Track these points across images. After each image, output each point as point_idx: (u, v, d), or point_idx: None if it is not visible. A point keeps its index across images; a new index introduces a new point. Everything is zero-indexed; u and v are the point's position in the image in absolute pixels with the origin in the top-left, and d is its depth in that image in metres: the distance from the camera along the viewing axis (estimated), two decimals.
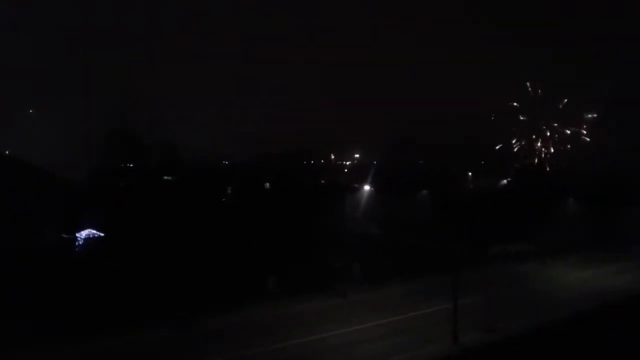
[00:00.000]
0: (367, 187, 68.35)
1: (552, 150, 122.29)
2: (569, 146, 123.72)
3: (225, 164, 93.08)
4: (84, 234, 45.15)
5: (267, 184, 76.39)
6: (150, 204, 48.09)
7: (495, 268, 46.78)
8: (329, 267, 40.69)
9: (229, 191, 69.89)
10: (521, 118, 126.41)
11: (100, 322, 27.77)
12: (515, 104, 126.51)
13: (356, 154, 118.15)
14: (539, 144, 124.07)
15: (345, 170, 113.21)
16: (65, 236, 45.18)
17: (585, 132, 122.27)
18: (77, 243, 44.60)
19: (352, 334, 28.83)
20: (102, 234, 45.65)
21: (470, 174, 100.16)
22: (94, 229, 45.50)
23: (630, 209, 67.75)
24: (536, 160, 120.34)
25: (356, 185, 77.05)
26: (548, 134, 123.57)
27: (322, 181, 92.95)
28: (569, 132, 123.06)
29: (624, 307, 36.53)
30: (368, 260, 42.61)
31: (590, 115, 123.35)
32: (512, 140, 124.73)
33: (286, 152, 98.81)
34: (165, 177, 65.77)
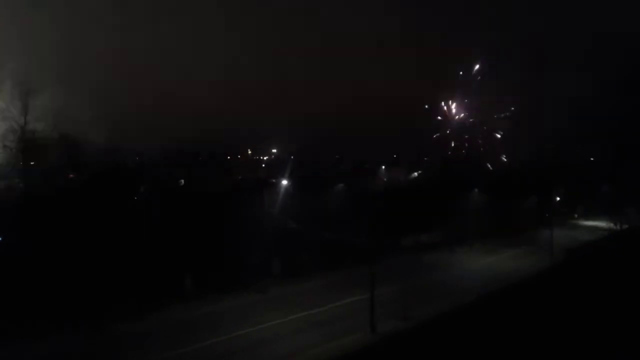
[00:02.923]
0: (284, 182, 68.28)
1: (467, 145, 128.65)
2: (479, 141, 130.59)
3: (136, 159, 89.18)
4: None
5: (182, 181, 74.27)
6: (52, 205, 44.87)
7: (407, 258, 48.85)
8: (247, 264, 40.36)
9: (141, 189, 67.01)
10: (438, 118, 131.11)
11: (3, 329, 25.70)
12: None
13: (274, 149, 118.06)
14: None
15: (263, 165, 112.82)
16: None
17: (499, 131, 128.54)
18: None
19: (272, 329, 28.95)
20: None
21: (383, 167, 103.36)
22: None
23: (526, 200, 74.09)
24: (450, 153, 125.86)
25: (274, 180, 76.85)
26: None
27: (240, 177, 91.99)
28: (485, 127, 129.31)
29: (523, 287, 39.98)
30: (287, 255, 42.83)
31: (504, 115, 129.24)
32: (432, 134, 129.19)
33: (201, 148, 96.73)
34: (70, 175, 61.69)
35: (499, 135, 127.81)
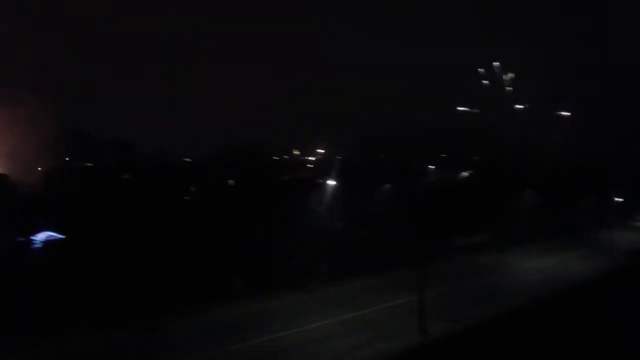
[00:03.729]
0: (331, 183, 68.39)
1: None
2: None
3: (187, 161, 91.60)
4: (42, 236, 43.59)
5: (231, 181, 75.63)
6: (111, 204, 46.81)
7: (457, 260, 47.84)
8: (294, 264, 40.66)
9: (192, 189, 68.89)
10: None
11: (64, 325, 26.96)
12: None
13: (321, 149, 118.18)
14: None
15: (310, 165, 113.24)
16: (21, 239, 43.50)
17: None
18: (34, 246, 43.01)
19: (319, 330, 28.95)
20: (62, 236, 44.17)
21: (431, 167, 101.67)
22: (52, 231, 43.99)
23: (584, 199, 70.97)
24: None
25: (320, 180, 77.10)
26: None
27: (287, 177, 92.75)
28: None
29: (583, 291, 38.27)
30: (334, 255, 42.79)
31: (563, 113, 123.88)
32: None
33: (250, 148, 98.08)
34: (124, 176, 64.11)
35: (557, 132, 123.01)
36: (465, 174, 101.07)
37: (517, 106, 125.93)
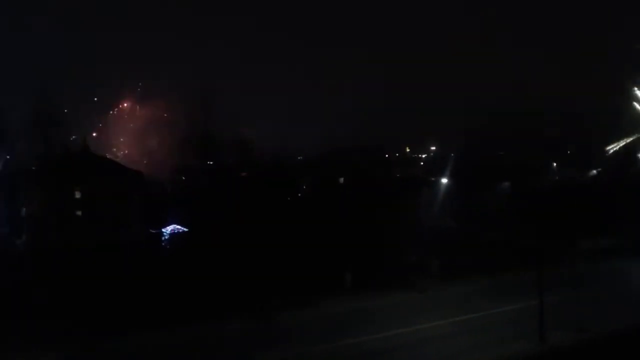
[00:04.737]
0: (444, 180, 66.51)
1: None
2: None
3: (299, 159, 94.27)
4: (169, 229, 47.67)
5: (342, 179, 76.54)
6: (229, 200, 49.76)
7: (584, 264, 43.93)
8: (406, 262, 40.20)
9: (304, 187, 70.85)
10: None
11: (183, 312, 29.26)
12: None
13: (432, 146, 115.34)
14: None
15: (422, 162, 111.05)
16: (152, 231, 47.92)
17: None
18: (163, 237, 47.20)
19: (431, 330, 28.31)
20: (185, 229, 47.95)
21: (555, 164, 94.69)
22: (178, 224, 47.91)
23: None
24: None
25: (432, 178, 75.36)
26: None
27: (398, 175, 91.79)
28: None
29: None
30: (446, 254, 41.60)
31: None
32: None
33: (360, 146, 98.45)
34: (242, 174, 67.65)
35: None
36: (594, 172, 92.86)
37: None
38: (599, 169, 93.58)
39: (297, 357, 24.90)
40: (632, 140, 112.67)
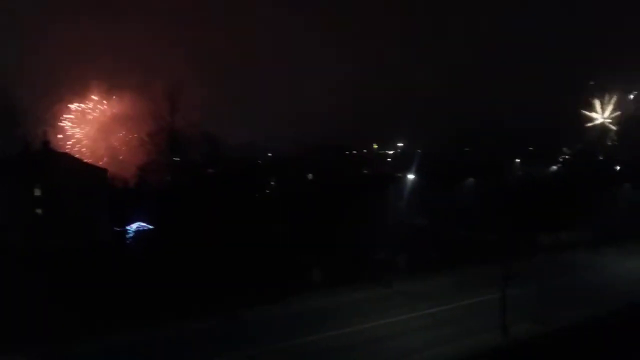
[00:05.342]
0: (411, 177, 67.21)
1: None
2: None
3: (268, 156, 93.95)
4: (134, 226, 46.70)
5: (310, 175, 76.56)
6: (196, 197, 49.10)
7: (545, 258, 45.30)
8: (373, 258, 40.49)
9: (272, 184, 70.49)
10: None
11: (151, 311, 28.73)
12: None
13: (400, 142, 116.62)
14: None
15: (389, 159, 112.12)
16: (116, 229, 46.85)
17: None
18: (127, 236, 46.21)
19: (397, 324, 28.70)
20: (151, 227, 47.04)
21: (517, 160, 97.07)
22: (143, 222, 46.97)
23: None
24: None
25: (399, 174, 76.06)
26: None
27: (365, 171, 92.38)
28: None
29: None
30: (413, 250, 42.16)
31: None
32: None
33: (328, 143, 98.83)
34: (209, 170, 66.79)
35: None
36: (554, 167, 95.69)
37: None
38: (559, 165, 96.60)
39: (263, 355, 24.80)
40: (589, 139, 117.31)
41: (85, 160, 58.13)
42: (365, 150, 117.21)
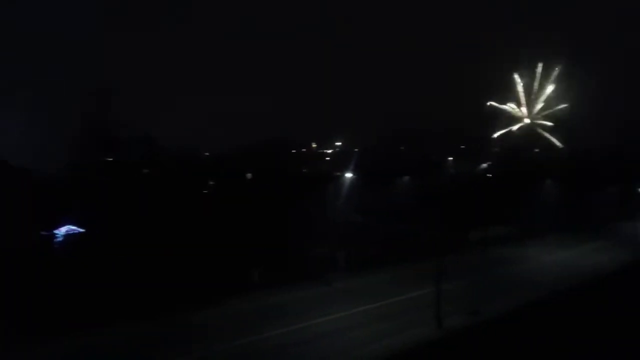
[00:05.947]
0: (349, 175, 68.28)
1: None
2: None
3: (206, 155, 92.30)
4: (63, 230, 44.38)
5: (249, 175, 76.01)
6: (130, 198, 47.48)
7: (476, 252, 47.44)
8: (312, 256, 40.74)
9: (210, 184, 69.40)
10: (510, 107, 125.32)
11: (81, 318, 27.35)
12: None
13: (338, 142, 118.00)
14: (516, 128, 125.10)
15: (327, 158, 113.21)
16: (44, 233, 44.34)
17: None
18: (56, 240, 43.85)
19: (337, 321, 28.99)
20: (82, 230, 44.93)
21: (450, 159, 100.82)
22: (73, 224, 44.75)
23: (604, 191, 69.67)
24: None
25: (338, 173, 77.03)
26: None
27: (304, 170, 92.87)
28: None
29: (601, 283, 37.62)
30: (352, 248, 42.80)
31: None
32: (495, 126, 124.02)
33: (267, 142, 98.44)
34: (145, 170, 64.83)
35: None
36: (484, 165, 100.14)
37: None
38: (489, 163, 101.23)
39: (200, 359, 24.36)
40: (515, 136, 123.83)
41: (5, 160, 54.71)
42: (304, 150, 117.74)
